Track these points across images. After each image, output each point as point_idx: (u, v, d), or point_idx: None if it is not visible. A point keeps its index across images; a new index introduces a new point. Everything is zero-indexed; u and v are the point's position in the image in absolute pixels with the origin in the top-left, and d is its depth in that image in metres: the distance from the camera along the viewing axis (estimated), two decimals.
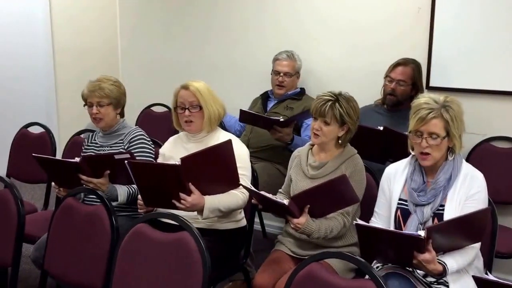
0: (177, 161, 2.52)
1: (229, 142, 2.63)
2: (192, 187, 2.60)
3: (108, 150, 3.14)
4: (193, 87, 2.90)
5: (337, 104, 2.74)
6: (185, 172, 2.53)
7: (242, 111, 3.74)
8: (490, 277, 2.35)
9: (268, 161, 3.80)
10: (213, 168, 2.62)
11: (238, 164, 2.67)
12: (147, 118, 4.94)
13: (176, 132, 3.15)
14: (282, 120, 3.54)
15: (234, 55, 4.64)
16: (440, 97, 2.50)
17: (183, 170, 2.52)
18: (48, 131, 3.98)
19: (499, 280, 2.06)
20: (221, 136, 2.93)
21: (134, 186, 2.92)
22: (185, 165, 2.51)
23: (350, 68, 4.10)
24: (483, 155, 3.64)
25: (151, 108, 5.00)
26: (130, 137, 3.12)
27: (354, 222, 2.33)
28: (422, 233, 2.19)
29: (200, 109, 2.89)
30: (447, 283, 2.39)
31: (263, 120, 3.68)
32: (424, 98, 2.51)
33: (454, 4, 3.69)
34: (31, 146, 3.88)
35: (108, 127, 3.19)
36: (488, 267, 2.62)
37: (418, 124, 2.46)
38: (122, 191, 2.98)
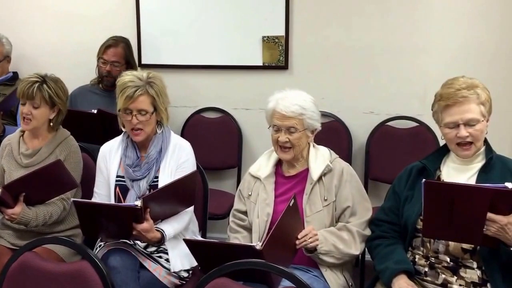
0: None
1: None
2: None
3: None
4: None
5: (45, 85, 2.65)
6: None
7: None
8: (198, 237, 2.56)
9: None
10: None
11: None
12: None
13: None
14: None
15: None
16: (143, 73, 2.58)
17: None
18: None
19: (204, 239, 2.26)
20: None
21: None
22: None
23: (63, 48, 3.98)
24: (195, 126, 3.87)
25: None
26: None
27: (72, 199, 2.31)
28: (138, 203, 2.27)
29: None
30: (167, 250, 2.51)
31: None
32: (128, 76, 2.56)
33: None
34: None
35: None
36: (203, 229, 2.81)
37: (126, 102, 2.52)
38: None
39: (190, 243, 2.17)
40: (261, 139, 3.61)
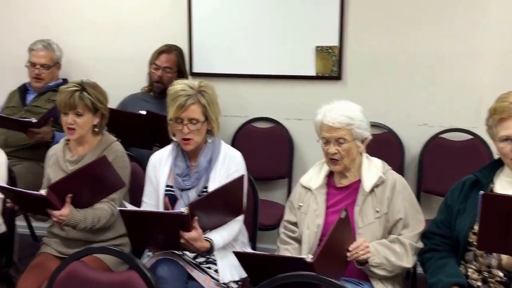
0: None
1: None
2: None
3: None
4: None
5: (85, 92, 2.65)
6: None
7: None
8: (249, 250, 2.53)
9: (32, 160, 3.56)
10: None
11: None
12: None
13: None
14: (35, 121, 3.34)
15: None
16: (195, 82, 2.58)
17: None
18: None
19: (255, 252, 2.23)
20: None
21: None
22: None
23: (113, 55, 4.02)
24: (246, 136, 3.85)
25: None
26: None
27: (118, 208, 2.30)
28: (185, 210, 2.24)
29: None
30: (216, 261, 2.49)
31: (16, 122, 3.44)
32: (180, 85, 2.56)
33: None
34: None
35: None
36: (253, 240, 2.78)
37: (178, 111, 2.51)
38: None
39: (239, 255, 2.14)
40: (313, 149, 3.51)
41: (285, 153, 3.78)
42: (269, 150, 3.80)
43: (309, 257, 1.96)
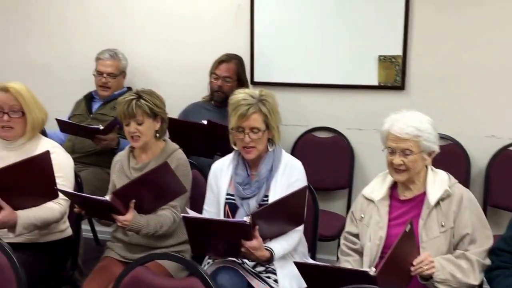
0: None
1: (46, 153, 2.48)
2: (2, 203, 2.41)
3: None
4: (14, 90, 2.68)
5: (141, 100, 2.69)
6: None
7: (59, 121, 3.54)
8: (310, 261, 2.51)
9: (97, 166, 3.65)
10: (29, 181, 2.44)
11: (58, 174, 2.55)
12: None
13: None
14: (102, 128, 3.43)
15: (52, 52, 4.37)
16: (256, 91, 2.59)
17: None
18: None
19: (316, 263, 2.21)
20: (41, 144, 2.75)
21: None
22: None
23: (176, 65, 4.07)
24: (306, 145, 3.83)
25: None
26: None
27: (181, 215, 2.32)
28: (247, 219, 2.25)
29: (23, 114, 2.69)
30: (275, 270, 2.48)
31: (84, 129, 3.54)
32: (241, 94, 2.57)
33: (272, 0, 3.82)
34: None
35: None
36: (312, 251, 2.76)
37: (239, 120, 2.52)
38: None
39: (300, 266, 2.13)
40: (374, 160, 3.48)
41: (346, 163, 3.74)
42: (330, 160, 3.77)
43: (372, 270, 1.93)
